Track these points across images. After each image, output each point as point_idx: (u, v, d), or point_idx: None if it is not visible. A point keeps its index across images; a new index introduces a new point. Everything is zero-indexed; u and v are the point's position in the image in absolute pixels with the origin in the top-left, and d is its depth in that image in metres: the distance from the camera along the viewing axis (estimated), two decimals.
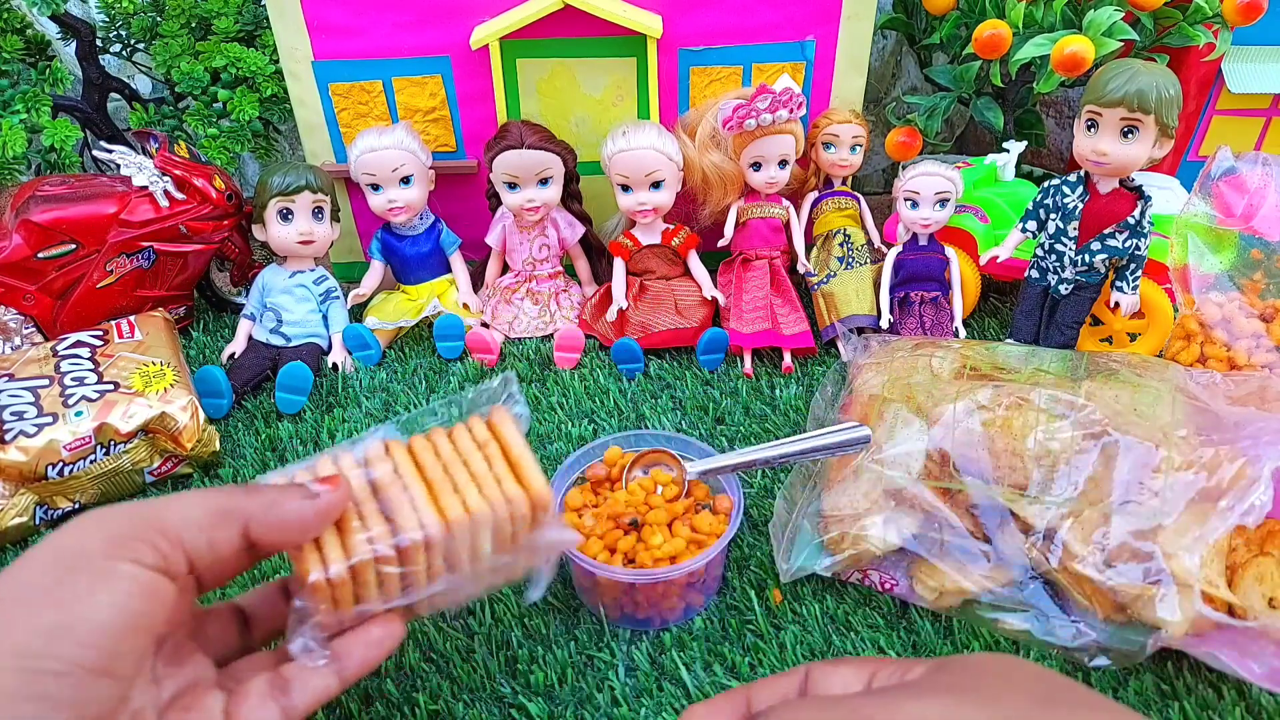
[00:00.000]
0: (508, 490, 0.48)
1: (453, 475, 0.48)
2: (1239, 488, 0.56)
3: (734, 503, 0.64)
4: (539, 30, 0.86)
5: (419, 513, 0.47)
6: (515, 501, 0.48)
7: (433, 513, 0.47)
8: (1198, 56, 0.93)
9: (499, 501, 0.47)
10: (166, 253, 0.89)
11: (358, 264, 1.03)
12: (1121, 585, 0.56)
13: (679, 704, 0.58)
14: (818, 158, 0.94)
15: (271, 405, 0.85)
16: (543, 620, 0.64)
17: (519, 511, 0.48)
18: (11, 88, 0.92)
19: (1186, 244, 0.76)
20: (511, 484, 0.48)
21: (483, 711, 0.58)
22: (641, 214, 0.90)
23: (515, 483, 0.48)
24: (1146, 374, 0.67)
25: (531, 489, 0.48)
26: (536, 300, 0.95)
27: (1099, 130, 0.74)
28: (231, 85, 0.97)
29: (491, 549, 0.49)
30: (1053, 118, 1.21)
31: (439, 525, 0.46)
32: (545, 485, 0.49)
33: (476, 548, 0.48)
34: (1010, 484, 0.61)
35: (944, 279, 0.90)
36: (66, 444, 0.70)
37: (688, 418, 0.83)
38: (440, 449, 0.50)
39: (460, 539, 0.47)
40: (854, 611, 0.64)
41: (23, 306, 0.85)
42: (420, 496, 0.48)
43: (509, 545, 0.49)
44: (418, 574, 0.47)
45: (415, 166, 0.89)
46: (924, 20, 1.04)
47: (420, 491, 0.48)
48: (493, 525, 0.48)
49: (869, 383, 0.72)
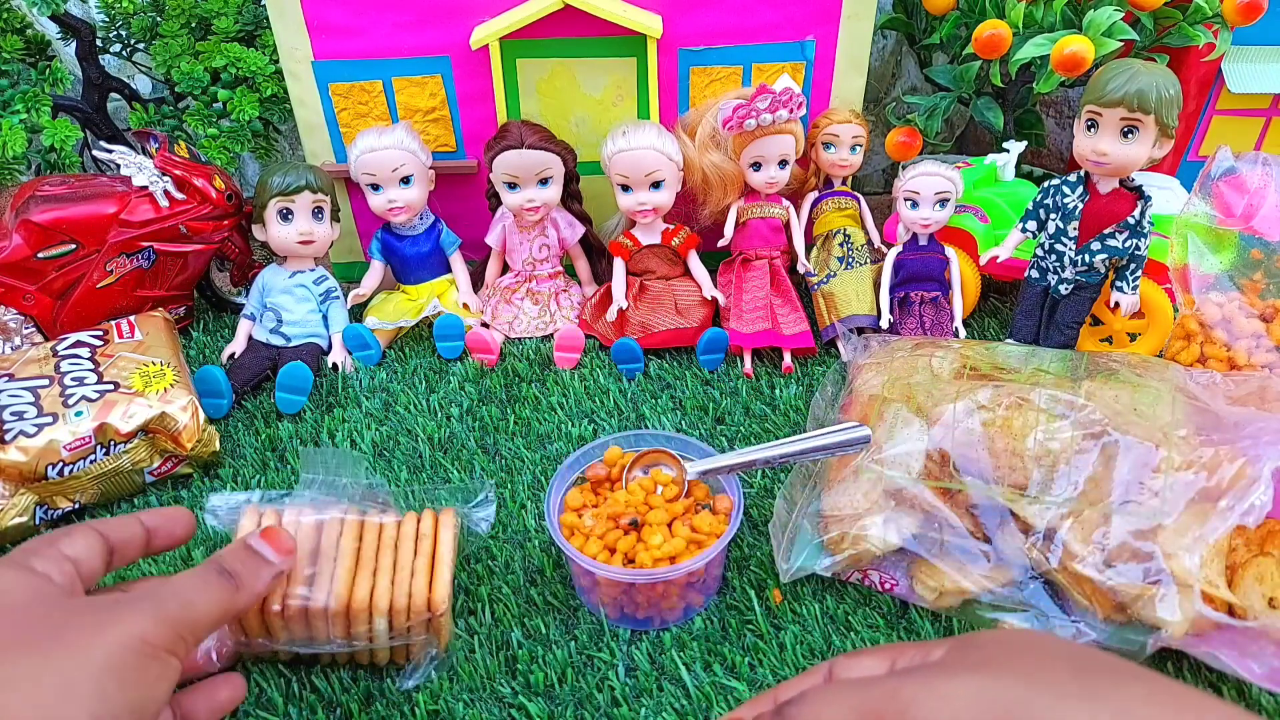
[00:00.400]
0: (414, 586, 0.57)
1: (379, 559, 0.57)
2: (1239, 488, 0.56)
3: (734, 503, 0.64)
4: (539, 30, 0.86)
5: (333, 585, 0.55)
6: (415, 597, 0.56)
7: (344, 589, 0.56)
8: (1198, 56, 0.93)
9: (400, 595, 0.56)
10: (166, 253, 0.89)
11: (358, 264, 1.03)
12: (1121, 585, 0.56)
13: (679, 704, 0.58)
14: (818, 158, 0.94)
15: (271, 405, 0.85)
16: (543, 620, 0.64)
17: (416, 605, 0.56)
18: (11, 88, 0.92)
19: (1186, 244, 0.76)
20: (421, 581, 0.57)
21: (483, 711, 0.58)
22: (641, 214, 0.90)
23: (425, 581, 0.57)
24: (1146, 374, 0.67)
25: (433, 593, 0.57)
26: (536, 300, 0.95)
27: (1099, 130, 0.74)
28: (231, 85, 0.97)
29: (387, 634, 0.57)
30: (1053, 118, 1.21)
31: (342, 602, 0.55)
32: (445, 594, 0.57)
33: (374, 626, 0.56)
34: (1010, 484, 0.61)
35: (944, 279, 0.90)
36: (66, 444, 0.70)
37: (688, 418, 0.83)
38: (385, 532, 0.59)
39: (359, 615, 0.56)
40: (854, 611, 0.64)
41: (23, 306, 0.85)
42: (342, 573, 0.56)
43: (403, 632, 0.58)
44: (317, 630, 0.56)
45: (415, 166, 0.89)
46: (924, 20, 1.04)
47: (345, 568, 0.56)
48: (388, 612, 0.56)
49: (869, 383, 0.72)
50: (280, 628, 0.56)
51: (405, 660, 0.60)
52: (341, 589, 0.55)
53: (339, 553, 0.57)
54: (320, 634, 0.56)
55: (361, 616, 0.56)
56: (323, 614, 0.55)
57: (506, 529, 0.71)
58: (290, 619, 0.55)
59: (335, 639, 0.57)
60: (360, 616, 0.56)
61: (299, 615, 0.55)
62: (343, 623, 0.56)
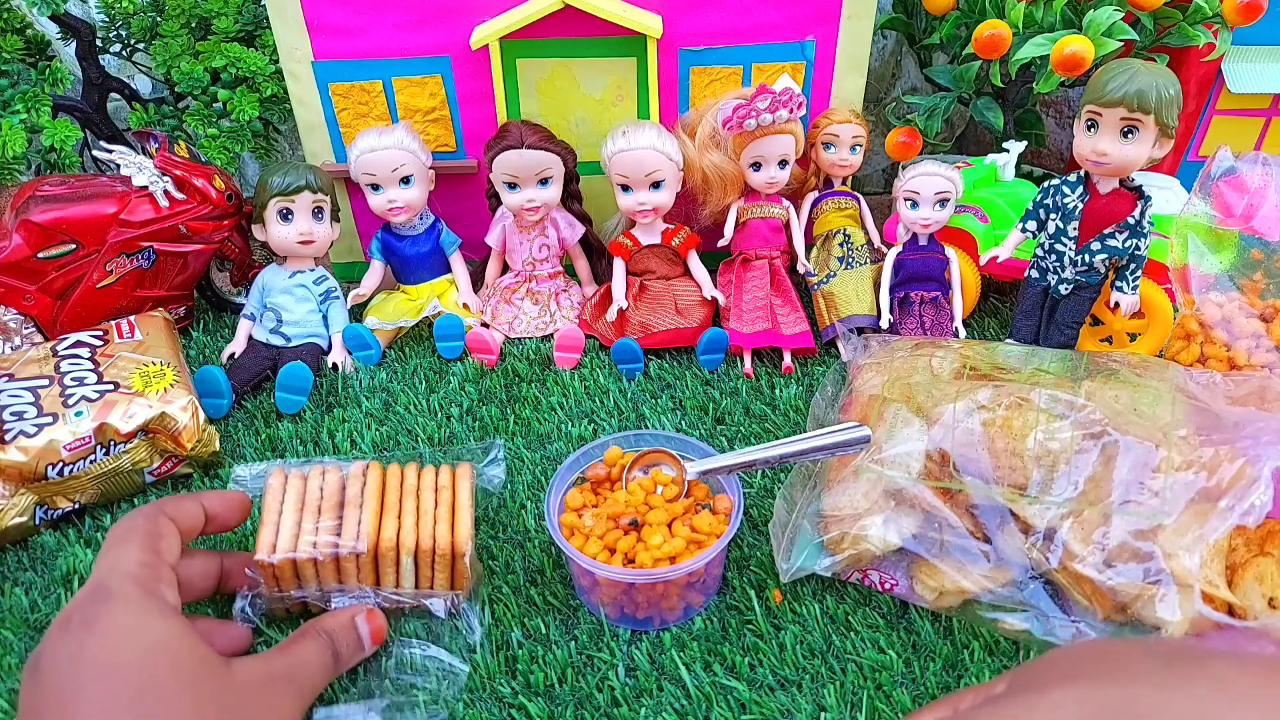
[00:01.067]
0: (437, 531, 0.60)
1: (403, 503, 0.61)
2: (1239, 488, 0.56)
3: (734, 503, 0.64)
4: (539, 30, 0.86)
5: (360, 528, 0.59)
6: (439, 539, 0.60)
7: (372, 530, 0.59)
8: (1198, 56, 0.93)
9: (425, 536, 0.60)
10: (166, 253, 0.89)
11: (358, 264, 1.03)
12: (1121, 585, 0.56)
13: (679, 704, 0.58)
14: (818, 158, 0.94)
15: (271, 405, 0.85)
16: (543, 620, 0.64)
17: (441, 546, 0.60)
18: (11, 88, 0.92)
19: (1186, 244, 0.76)
20: (444, 527, 0.60)
21: (483, 711, 0.58)
22: (641, 214, 0.90)
23: (447, 527, 0.60)
24: (1146, 374, 0.67)
25: (455, 536, 0.60)
26: (536, 300, 0.95)
27: (1099, 130, 0.74)
28: (231, 85, 0.97)
29: (413, 578, 0.61)
30: (1053, 118, 1.21)
31: (371, 542, 0.59)
32: (467, 536, 0.60)
33: (400, 566, 0.60)
34: (1010, 484, 0.61)
35: (944, 279, 0.90)
36: (66, 444, 0.70)
37: (688, 418, 0.83)
38: (407, 479, 0.63)
39: (386, 556, 0.59)
40: (854, 611, 0.64)
41: (23, 306, 0.85)
42: (369, 515, 0.60)
43: (429, 578, 0.61)
44: (347, 575, 0.59)
45: (415, 166, 0.89)
46: (924, 20, 1.04)
47: (372, 511, 0.60)
48: (414, 551, 0.59)
49: (869, 383, 0.72)
50: (311, 576, 0.59)
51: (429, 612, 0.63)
52: (369, 530, 0.59)
53: (364, 499, 0.61)
54: (350, 580, 0.59)
55: (389, 557, 0.59)
56: (353, 558, 0.58)
57: (506, 529, 0.71)
58: (321, 566, 0.59)
59: (364, 585, 0.60)
60: (388, 557, 0.59)
61: (330, 562, 0.58)
62: (371, 566, 0.59)
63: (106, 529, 0.72)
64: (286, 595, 0.60)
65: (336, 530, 0.59)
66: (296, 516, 0.60)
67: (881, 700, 0.58)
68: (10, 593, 0.67)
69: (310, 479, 0.62)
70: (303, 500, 0.61)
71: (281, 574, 0.59)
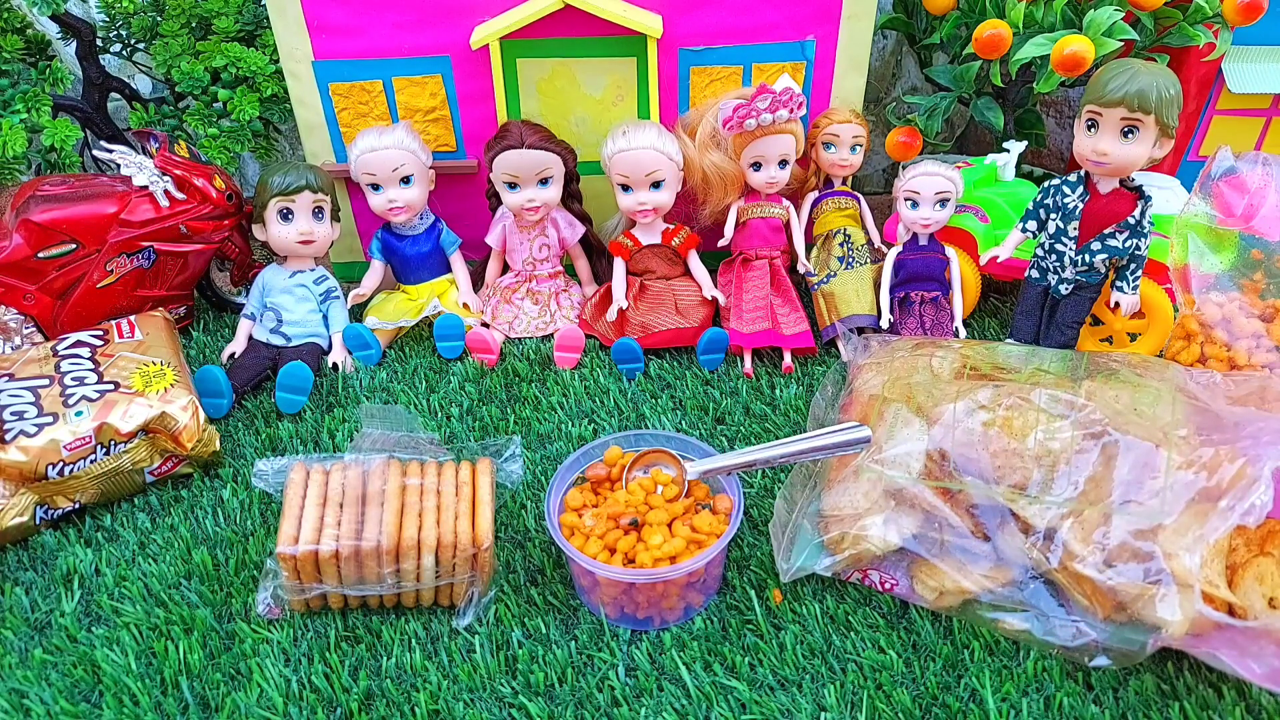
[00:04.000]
0: (459, 526, 0.61)
1: (423, 501, 0.62)
2: (1239, 488, 0.56)
3: (734, 503, 0.64)
4: (539, 30, 0.86)
5: (382, 527, 0.60)
6: (460, 534, 0.61)
7: (393, 529, 0.60)
8: (1198, 56, 0.93)
9: (447, 533, 0.60)
10: (166, 252, 0.89)
11: (358, 264, 1.03)
12: (1122, 585, 0.56)
13: (679, 704, 0.58)
14: (818, 158, 0.94)
15: (271, 405, 0.85)
16: (543, 620, 0.64)
17: (461, 541, 0.61)
18: (11, 88, 0.92)
19: (1186, 244, 0.76)
20: (465, 522, 0.61)
21: (483, 711, 0.58)
22: (641, 214, 0.90)
23: (468, 522, 0.61)
24: (1146, 374, 0.67)
25: (477, 530, 0.61)
26: (537, 300, 0.95)
27: (1099, 130, 0.74)
28: (231, 85, 0.97)
29: (434, 571, 0.61)
30: (1053, 118, 1.21)
31: (393, 540, 0.60)
32: (488, 530, 0.61)
33: (422, 565, 0.61)
34: (1010, 484, 0.61)
35: (944, 279, 0.90)
36: (67, 444, 0.70)
37: (688, 418, 0.83)
38: (427, 475, 0.64)
39: (408, 553, 0.60)
40: (854, 611, 0.64)
41: (23, 306, 0.85)
42: (390, 515, 0.60)
43: (450, 571, 0.62)
44: (368, 570, 0.60)
45: (415, 166, 0.89)
46: (924, 20, 1.04)
47: (393, 510, 0.61)
48: (435, 551, 0.60)
49: (869, 383, 0.72)
50: (333, 571, 0.60)
51: (450, 604, 0.64)
52: (391, 529, 0.60)
53: (385, 497, 0.62)
54: (371, 574, 0.61)
55: (410, 554, 0.60)
56: (374, 553, 0.59)
57: (507, 529, 0.71)
58: (344, 561, 0.60)
59: (386, 579, 0.61)
60: (409, 554, 0.60)
61: (352, 556, 0.60)
62: (393, 561, 0.60)
63: (106, 529, 0.73)
64: (308, 588, 0.61)
65: (358, 525, 0.60)
66: (319, 511, 0.61)
67: (881, 700, 0.58)
68: (10, 592, 0.67)
69: (332, 474, 0.63)
70: (324, 495, 0.62)
71: (303, 566, 0.60)
